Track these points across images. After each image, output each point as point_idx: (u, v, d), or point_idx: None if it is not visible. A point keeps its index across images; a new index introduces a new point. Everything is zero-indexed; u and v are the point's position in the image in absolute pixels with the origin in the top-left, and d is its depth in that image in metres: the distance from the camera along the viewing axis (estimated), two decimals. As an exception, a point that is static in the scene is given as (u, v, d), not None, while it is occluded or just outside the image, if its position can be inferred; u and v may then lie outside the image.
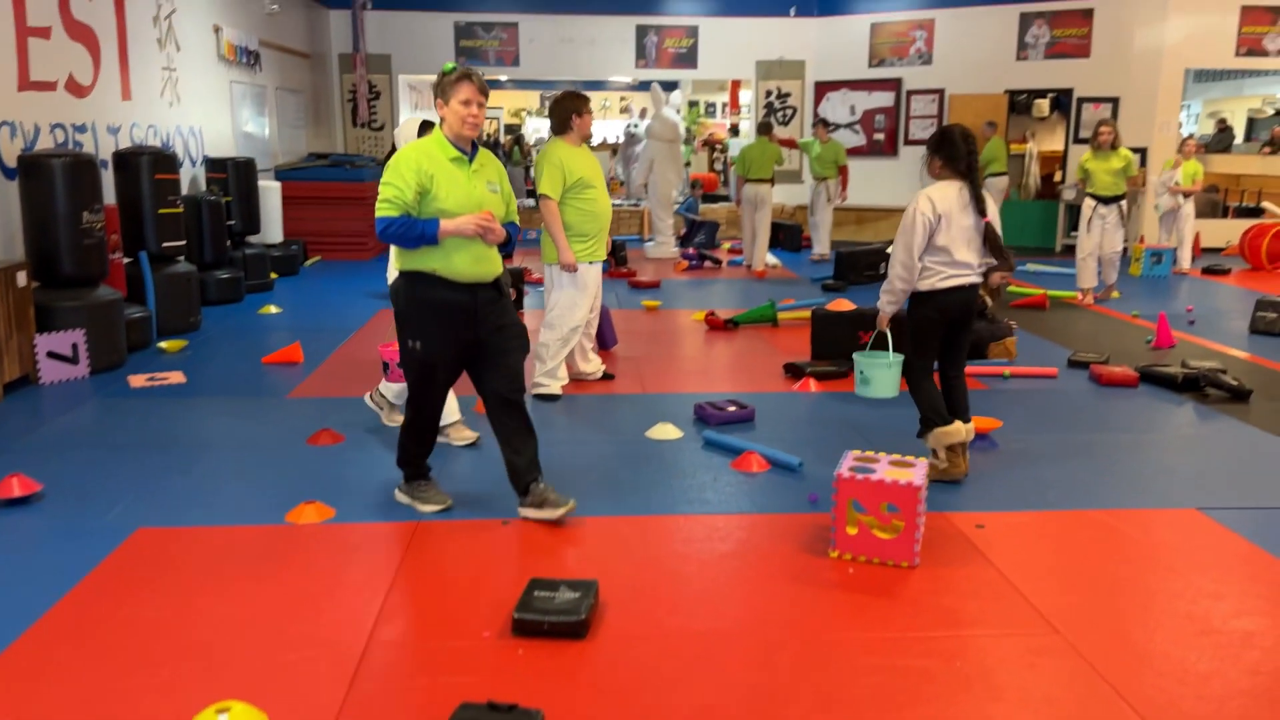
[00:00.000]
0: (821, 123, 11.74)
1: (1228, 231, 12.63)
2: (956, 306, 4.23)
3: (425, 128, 4.36)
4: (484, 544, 3.57)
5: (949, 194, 4.11)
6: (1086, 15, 12.72)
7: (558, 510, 3.70)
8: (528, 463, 3.75)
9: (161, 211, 7.21)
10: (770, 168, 10.89)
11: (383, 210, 3.47)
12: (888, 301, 4.34)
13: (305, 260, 10.95)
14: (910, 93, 14.06)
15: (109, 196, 6.97)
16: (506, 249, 3.73)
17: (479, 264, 3.59)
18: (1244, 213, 13.55)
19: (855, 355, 4.56)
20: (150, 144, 8.11)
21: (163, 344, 6.71)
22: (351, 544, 3.55)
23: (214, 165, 9.25)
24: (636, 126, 13.26)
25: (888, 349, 4.44)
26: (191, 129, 9.14)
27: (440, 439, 4.74)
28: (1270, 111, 18.91)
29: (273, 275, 9.56)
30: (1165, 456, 4.72)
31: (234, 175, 9.19)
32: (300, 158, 12.22)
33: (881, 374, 4.44)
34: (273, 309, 8.21)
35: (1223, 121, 17.25)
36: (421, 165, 3.49)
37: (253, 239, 9.70)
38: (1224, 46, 12.38)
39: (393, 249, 3.71)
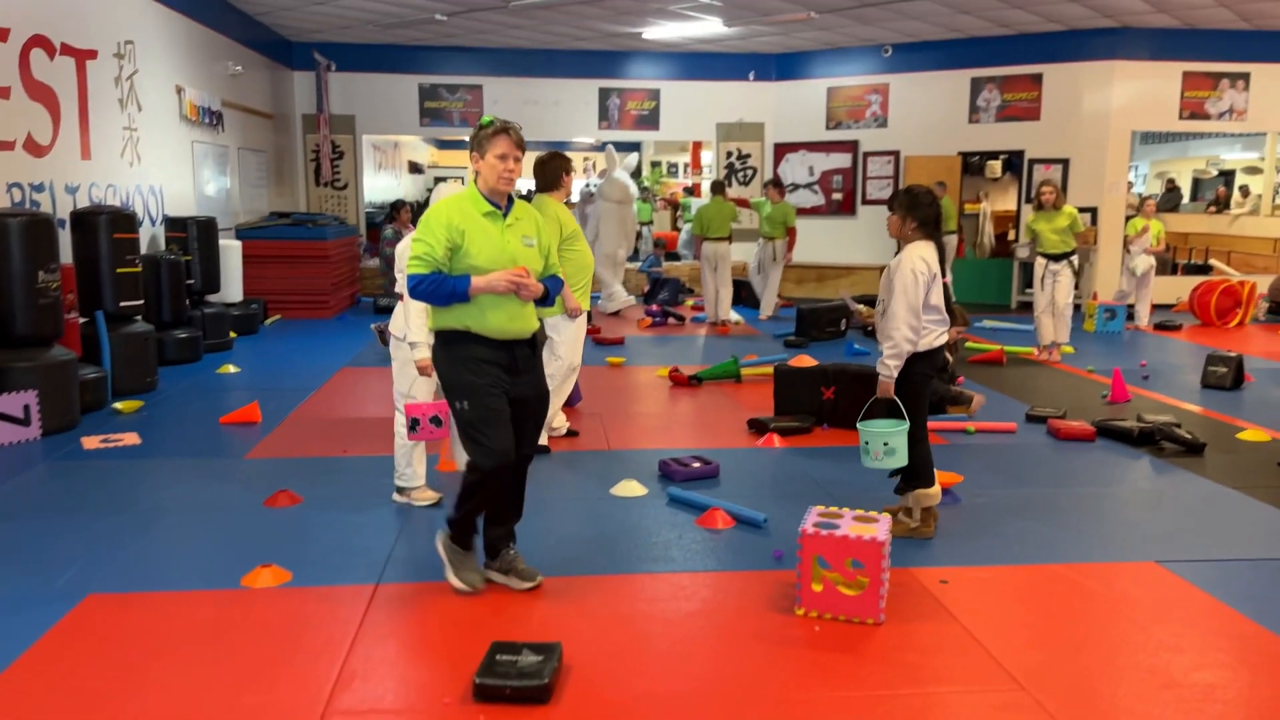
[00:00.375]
0: (773, 184, 11.98)
1: (1178, 288, 12.95)
2: (939, 363, 4.29)
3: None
4: (445, 606, 3.51)
5: (931, 253, 4.18)
6: (1036, 80, 13.12)
7: (523, 584, 3.63)
8: (508, 528, 3.69)
9: (119, 271, 7.14)
10: (727, 226, 11.14)
11: (413, 267, 3.38)
12: (895, 367, 4.14)
13: (265, 319, 10.87)
14: (867, 154, 14.37)
15: (66, 256, 6.89)
16: (547, 302, 3.63)
17: (514, 321, 3.47)
18: (1192, 270, 13.92)
19: (864, 426, 4.19)
20: (109, 203, 8.06)
21: (118, 405, 6.59)
22: (309, 608, 3.47)
23: (174, 224, 9.20)
24: (594, 186, 13.46)
25: (892, 416, 4.19)
26: (152, 188, 9.09)
27: (400, 498, 4.69)
28: (1214, 172, 19.54)
29: (232, 334, 9.47)
30: (1124, 510, 4.78)
31: (194, 234, 9.15)
32: (262, 217, 12.19)
33: (903, 442, 4.14)
34: (231, 368, 8.12)
35: (1171, 182, 17.78)
36: (453, 220, 3.40)
37: (212, 298, 9.62)
38: (1168, 110, 12.81)
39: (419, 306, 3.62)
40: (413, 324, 4.34)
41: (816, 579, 3.43)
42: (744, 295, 12.94)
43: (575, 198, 12.58)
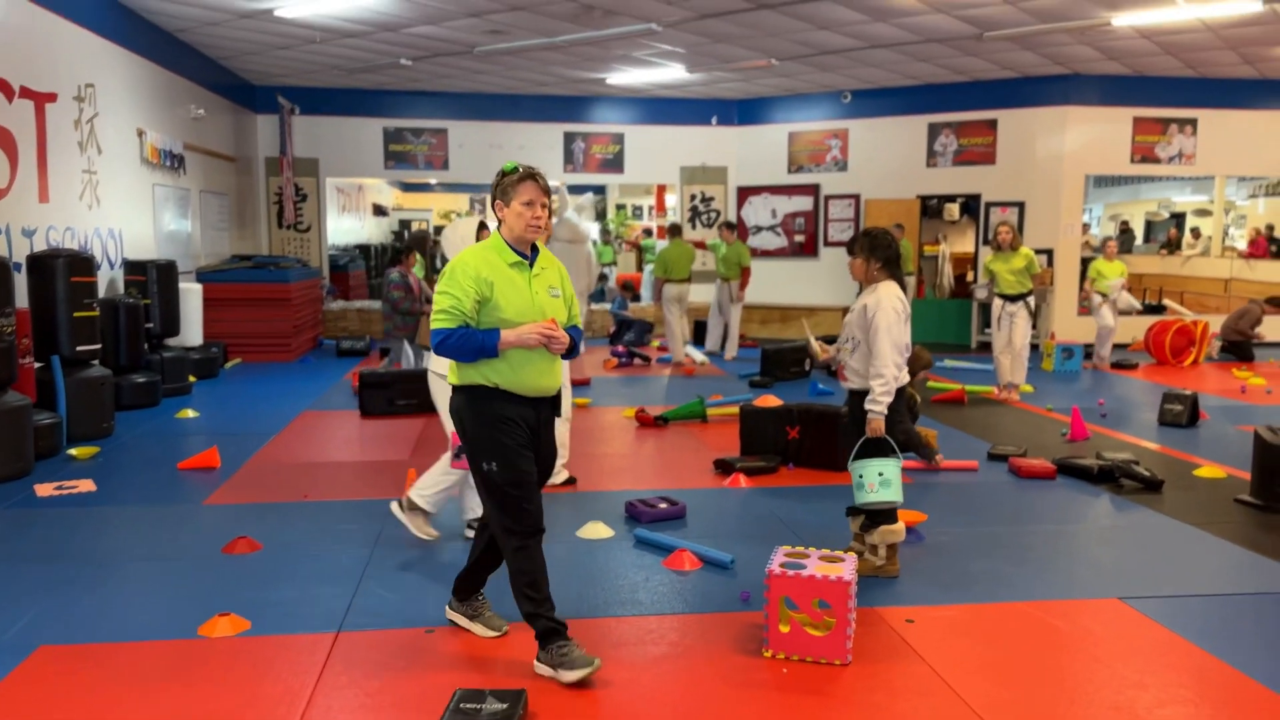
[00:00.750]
0: (727, 225, 12.14)
1: (1133, 328, 13.20)
2: (907, 403, 4.37)
3: (482, 230, 4.40)
4: (407, 653, 3.45)
5: (901, 292, 4.29)
6: (991, 125, 13.42)
7: (490, 632, 3.59)
8: (486, 578, 3.64)
9: (76, 315, 7.04)
10: (688, 267, 11.34)
11: (439, 322, 3.22)
12: (886, 404, 4.17)
13: (225, 362, 10.75)
14: (828, 197, 14.58)
15: (22, 299, 6.78)
16: (573, 354, 3.49)
17: (543, 376, 3.32)
18: (1148, 310, 14.21)
19: (858, 463, 4.20)
20: (67, 246, 7.96)
21: (73, 451, 6.46)
22: (267, 657, 3.40)
23: (134, 267, 9.10)
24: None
25: (883, 454, 4.20)
26: (111, 231, 9.00)
27: (401, 515, 4.65)
28: (1166, 215, 20.04)
29: (191, 378, 9.34)
30: (1086, 547, 4.82)
31: (154, 277, 9.06)
32: (224, 259, 12.10)
33: (898, 474, 4.20)
34: (190, 413, 8.00)
35: (1125, 224, 18.19)
36: (480, 272, 3.23)
37: (171, 341, 9.50)
38: (1120, 154, 13.16)
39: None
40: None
41: (784, 620, 3.42)
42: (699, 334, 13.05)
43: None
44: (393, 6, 9.40)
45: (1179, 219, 19.53)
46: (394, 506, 4.75)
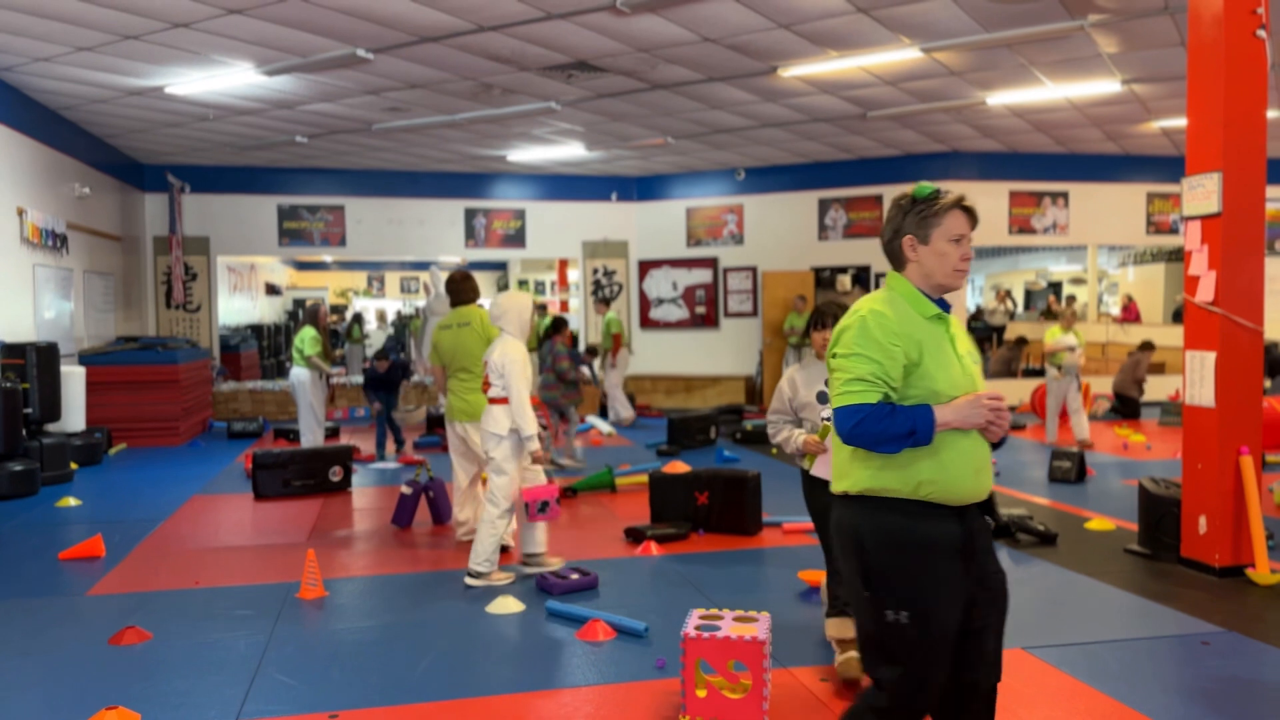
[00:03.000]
0: (598, 299, 12.40)
1: (1020, 390, 13.75)
2: None
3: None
4: (313, 739, 3.29)
5: None
6: (877, 200, 14.00)
7: None
8: None
9: (-53, 399, 6.65)
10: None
11: (854, 395, 2.32)
12: None
13: (110, 448, 10.26)
14: (726, 270, 14.91)
15: (-115, 384, 6.38)
16: (1001, 445, 2.49)
17: (981, 474, 2.40)
18: (1030, 373, 14.83)
19: None
20: (-62, 328, 7.56)
21: (-60, 544, 6.04)
22: (160, 752, 3.20)
23: (11, 351, 8.67)
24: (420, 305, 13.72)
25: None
26: (-13, 313, 8.59)
27: (477, 583, 5.11)
28: (1044, 284, 21.12)
29: (73, 465, 8.88)
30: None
31: (34, 360, 8.64)
32: (108, 342, 11.64)
33: None
34: (72, 501, 7.58)
35: (1008, 293, 19.09)
36: (904, 327, 2.38)
37: (52, 428, 9.04)
38: (999, 226, 13.85)
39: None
40: (527, 417, 5.08)
41: (700, 684, 3.39)
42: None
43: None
44: (288, 84, 9.36)
45: (1056, 287, 20.60)
46: (470, 581, 5.15)
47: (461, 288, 6.23)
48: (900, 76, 9.40)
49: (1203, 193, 5.24)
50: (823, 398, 3.87)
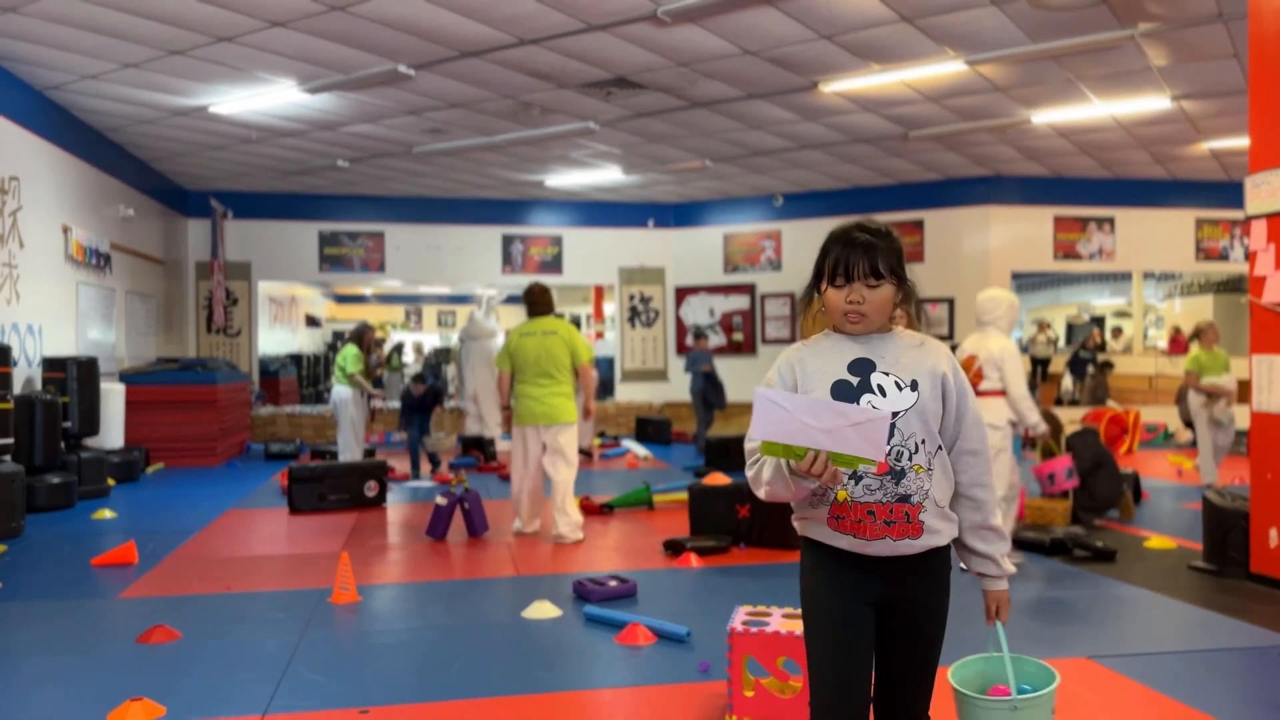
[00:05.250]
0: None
1: (1069, 417, 13.40)
2: None
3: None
4: (342, 733, 3.15)
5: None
6: (918, 225, 13.81)
7: None
8: None
9: (-13, 407, 6.67)
10: None
11: None
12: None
13: (147, 467, 10.26)
14: (764, 296, 14.77)
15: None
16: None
17: None
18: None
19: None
20: (-19, 340, 7.61)
21: (-25, 550, 6.01)
22: (184, 742, 3.07)
23: (53, 365, 8.71)
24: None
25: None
26: (30, 326, 8.64)
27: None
28: (1086, 318, 20.74)
29: (110, 481, 8.87)
30: (1050, 611, 4.69)
31: (74, 374, 8.67)
32: (148, 363, 11.70)
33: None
34: (108, 513, 7.54)
35: (1048, 325, 18.78)
36: None
37: (90, 442, 9.05)
38: (1043, 251, 13.60)
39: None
40: (1028, 406, 5.35)
41: (748, 685, 3.21)
42: (650, 432, 12.96)
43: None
44: (330, 104, 9.42)
45: (1099, 322, 20.21)
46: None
47: (542, 299, 6.62)
48: (943, 92, 9.27)
49: (1268, 190, 5.05)
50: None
